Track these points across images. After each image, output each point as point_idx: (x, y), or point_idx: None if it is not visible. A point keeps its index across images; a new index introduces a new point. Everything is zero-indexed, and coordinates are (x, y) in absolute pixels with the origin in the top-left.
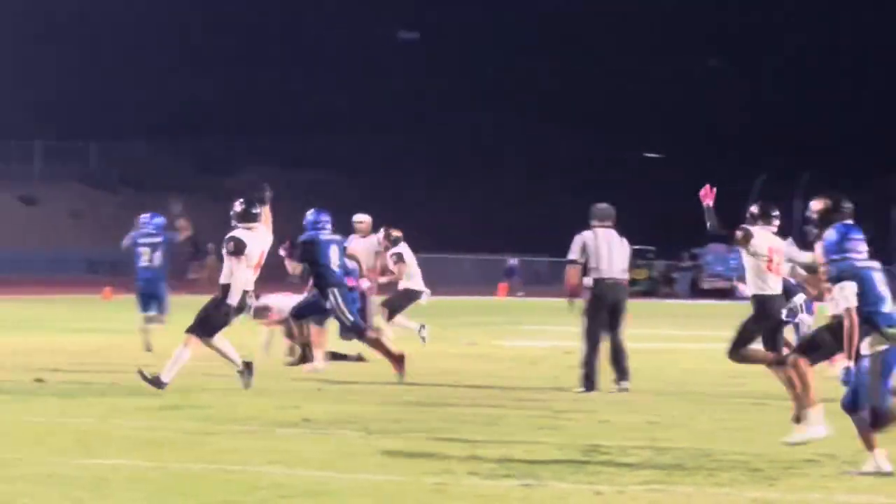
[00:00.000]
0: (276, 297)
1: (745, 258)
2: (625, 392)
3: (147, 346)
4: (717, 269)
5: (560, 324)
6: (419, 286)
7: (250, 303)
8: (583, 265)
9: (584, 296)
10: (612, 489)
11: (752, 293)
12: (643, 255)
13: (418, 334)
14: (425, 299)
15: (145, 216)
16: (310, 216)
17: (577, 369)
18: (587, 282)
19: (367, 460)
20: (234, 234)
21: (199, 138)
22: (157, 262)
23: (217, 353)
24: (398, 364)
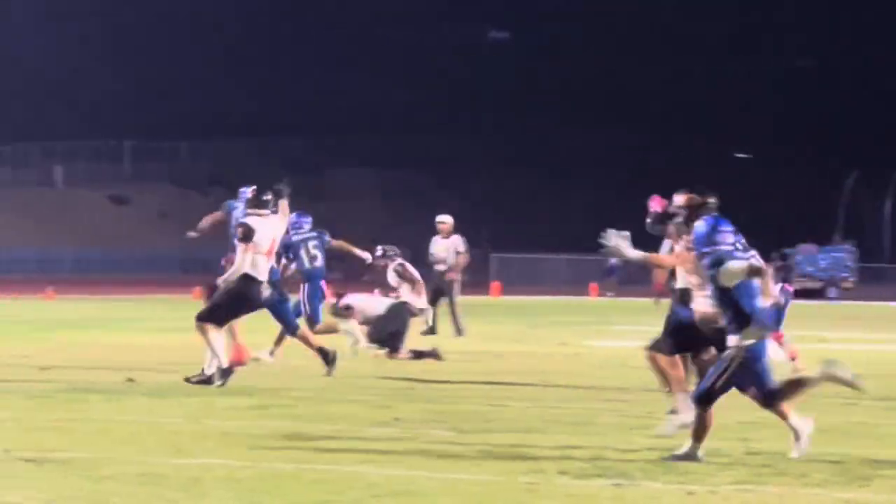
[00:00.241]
0: (358, 297)
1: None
2: None
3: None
4: (807, 269)
5: (650, 324)
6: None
7: (267, 295)
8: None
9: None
10: (704, 489)
11: (679, 286)
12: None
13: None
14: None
15: (292, 216)
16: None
17: None
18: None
19: (458, 460)
20: (244, 220)
21: (289, 138)
22: (320, 262)
23: (207, 344)
24: (325, 357)
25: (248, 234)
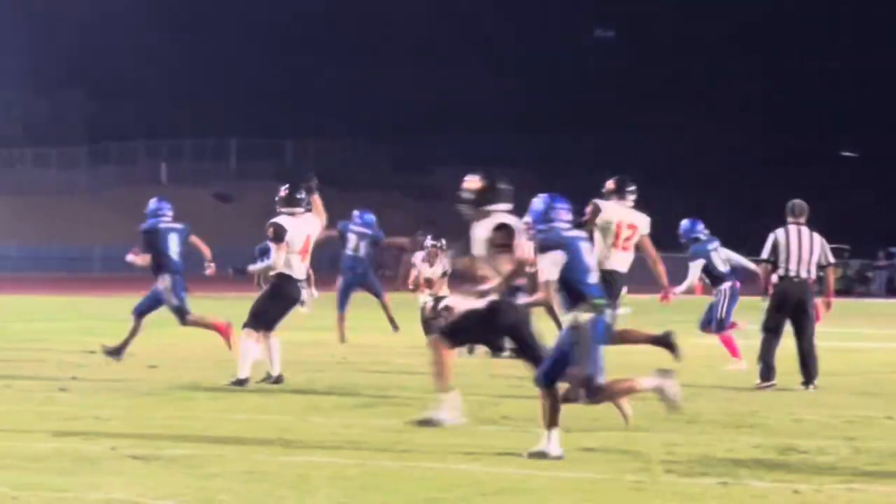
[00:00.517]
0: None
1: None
2: (814, 391)
3: (342, 337)
4: None
5: (757, 322)
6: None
7: (305, 295)
8: (774, 262)
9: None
10: (810, 488)
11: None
12: (838, 254)
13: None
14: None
15: (356, 213)
16: (152, 205)
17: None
18: (773, 278)
19: (565, 457)
20: (275, 220)
21: (397, 136)
22: (363, 252)
23: (238, 351)
24: (225, 334)
25: (279, 234)
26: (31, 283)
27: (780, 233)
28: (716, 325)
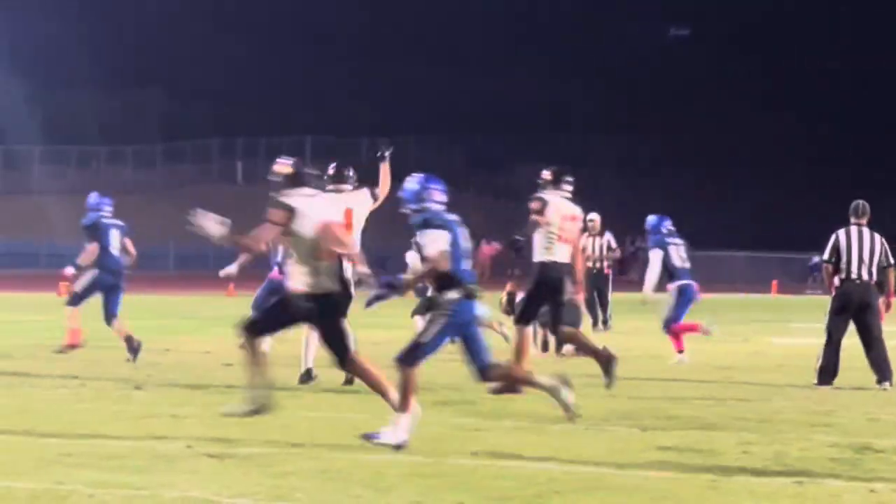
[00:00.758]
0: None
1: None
2: (890, 389)
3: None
4: None
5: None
6: None
7: (356, 274)
8: (836, 263)
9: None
10: (888, 487)
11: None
12: None
13: None
14: None
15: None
16: (92, 199)
17: (848, 369)
18: (835, 280)
19: (640, 456)
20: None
21: (473, 135)
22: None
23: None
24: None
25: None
26: None
27: (841, 234)
28: (664, 323)
